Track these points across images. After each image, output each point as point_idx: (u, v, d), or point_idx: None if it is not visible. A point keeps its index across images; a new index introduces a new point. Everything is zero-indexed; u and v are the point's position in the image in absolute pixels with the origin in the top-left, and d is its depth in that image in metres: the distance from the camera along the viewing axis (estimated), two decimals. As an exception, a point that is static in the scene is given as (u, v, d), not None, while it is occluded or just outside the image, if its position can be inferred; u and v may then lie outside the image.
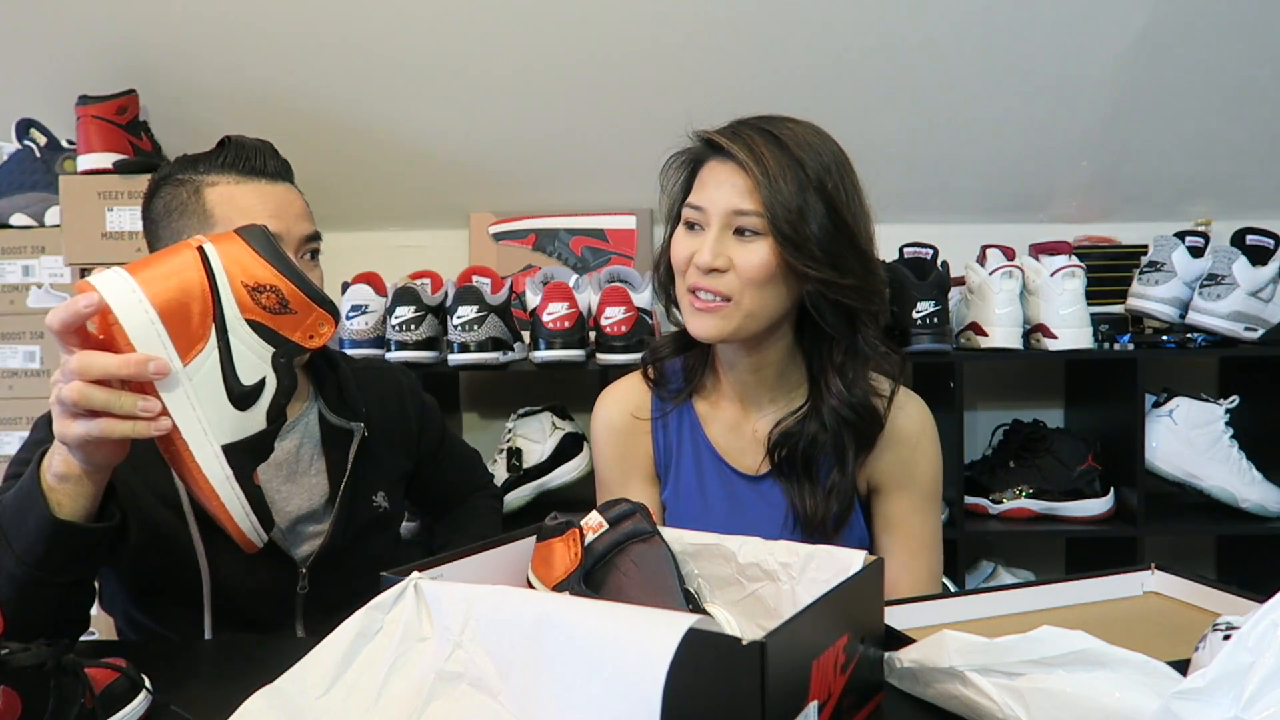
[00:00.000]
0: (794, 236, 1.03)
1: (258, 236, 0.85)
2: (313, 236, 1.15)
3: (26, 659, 0.68)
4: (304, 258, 1.14)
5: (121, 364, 0.78)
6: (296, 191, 1.15)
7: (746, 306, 1.06)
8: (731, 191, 1.05)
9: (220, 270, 0.82)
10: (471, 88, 2.04)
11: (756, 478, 1.18)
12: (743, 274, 1.05)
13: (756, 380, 1.17)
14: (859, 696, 0.76)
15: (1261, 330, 1.88)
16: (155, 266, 0.81)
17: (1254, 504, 1.91)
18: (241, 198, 1.09)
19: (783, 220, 1.02)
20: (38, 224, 1.96)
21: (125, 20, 1.93)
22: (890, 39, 1.96)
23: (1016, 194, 2.23)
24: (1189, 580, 0.97)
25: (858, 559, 0.81)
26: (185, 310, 0.80)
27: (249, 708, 0.69)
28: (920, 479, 1.18)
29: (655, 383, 1.21)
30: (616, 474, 1.22)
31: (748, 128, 1.07)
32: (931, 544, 1.19)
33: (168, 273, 0.81)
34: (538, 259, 2.27)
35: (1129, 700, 0.64)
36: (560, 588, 0.83)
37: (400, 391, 1.33)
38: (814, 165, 1.04)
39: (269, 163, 1.12)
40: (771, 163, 1.03)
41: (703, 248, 1.06)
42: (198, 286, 0.81)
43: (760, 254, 1.04)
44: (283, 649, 0.82)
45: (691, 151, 1.13)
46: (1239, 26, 1.93)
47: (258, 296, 0.83)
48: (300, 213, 1.13)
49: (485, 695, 0.68)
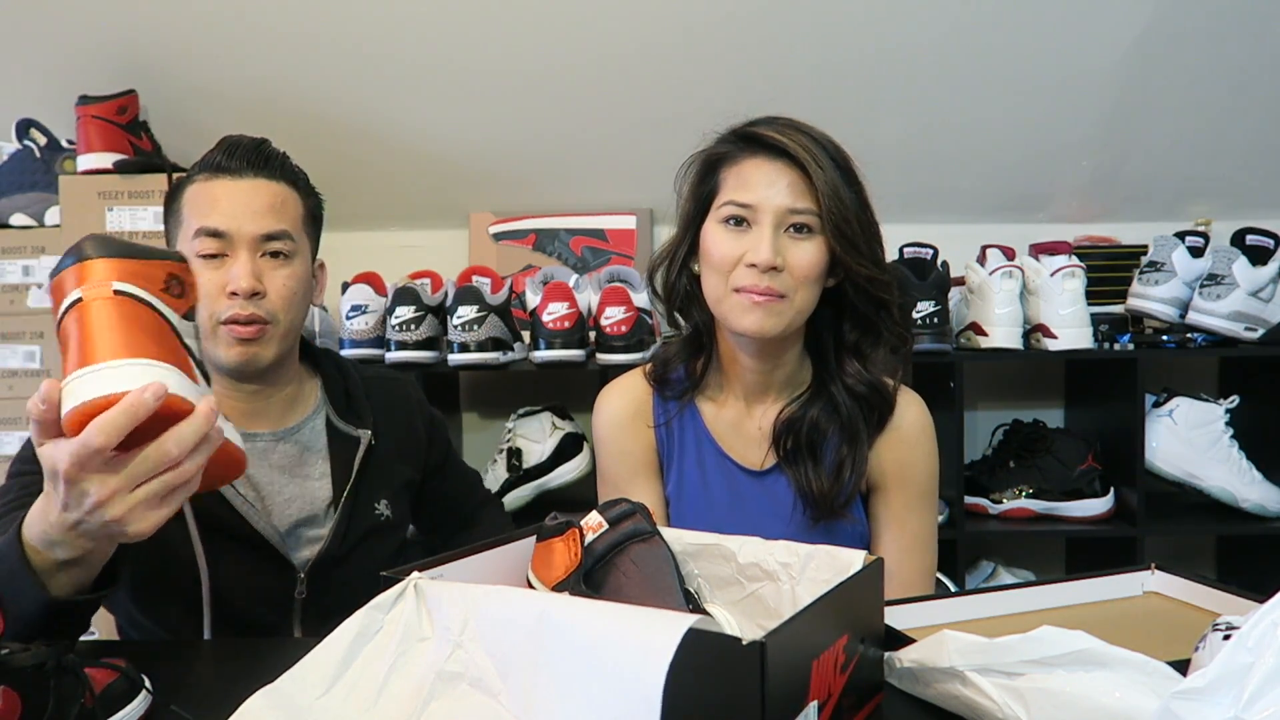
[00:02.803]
0: (849, 233, 1.06)
1: (105, 245, 0.80)
2: (275, 235, 1.10)
3: (26, 659, 0.68)
4: (264, 256, 1.10)
5: (127, 412, 0.72)
6: (275, 187, 1.12)
7: (799, 303, 1.09)
8: (786, 190, 1.06)
9: (144, 294, 0.80)
10: (471, 88, 2.04)
11: (760, 473, 1.19)
12: (798, 272, 1.07)
13: (768, 380, 1.18)
14: (859, 696, 0.75)
15: (1261, 330, 1.88)
16: (127, 333, 0.77)
17: (1254, 504, 1.91)
18: (204, 194, 1.09)
19: (839, 218, 1.06)
20: (38, 224, 1.96)
21: (125, 20, 1.93)
22: (890, 39, 1.96)
23: (1016, 194, 2.23)
24: (1189, 580, 0.97)
25: (858, 559, 0.81)
26: (174, 348, 0.80)
27: (249, 708, 0.69)
28: (918, 478, 1.19)
29: (658, 382, 1.22)
30: (622, 469, 1.22)
31: (787, 128, 1.09)
32: (926, 542, 1.20)
33: (141, 330, 0.78)
34: (538, 259, 2.26)
35: (1129, 700, 0.64)
36: (560, 588, 0.83)
37: (409, 403, 1.31)
38: (845, 163, 1.08)
39: (238, 159, 1.10)
40: (823, 161, 1.06)
41: (760, 245, 1.06)
42: (153, 322, 0.80)
43: (815, 252, 1.07)
44: (282, 649, 0.82)
45: (723, 149, 1.13)
46: (1239, 27, 1.93)
47: (171, 288, 0.82)
48: (260, 208, 1.09)
49: (485, 695, 0.68)
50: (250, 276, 1.07)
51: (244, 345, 1.09)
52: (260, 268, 1.09)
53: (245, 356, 1.09)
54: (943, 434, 1.99)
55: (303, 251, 1.14)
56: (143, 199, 1.88)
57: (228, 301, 1.07)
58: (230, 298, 1.07)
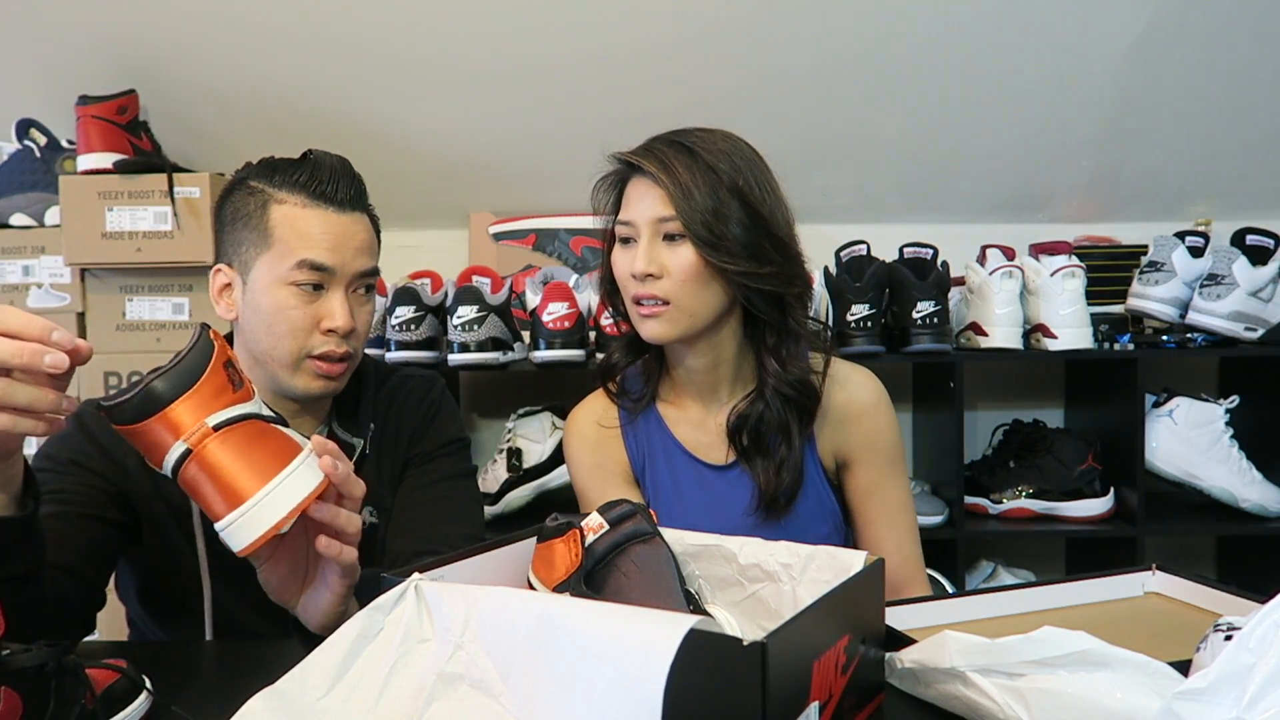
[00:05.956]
0: (709, 237, 1.10)
1: (172, 381, 0.81)
2: (369, 272, 1.11)
3: (27, 660, 0.68)
4: (355, 292, 1.10)
5: (15, 351, 0.73)
6: (366, 221, 1.12)
7: (687, 306, 1.12)
8: (654, 202, 1.12)
9: (234, 413, 0.83)
10: (471, 88, 2.04)
11: (725, 467, 1.23)
12: (675, 276, 1.12)
13: (713, 378, 1.22)
14: (860, 697, 0.76)
15: (1261, 330, 1.88)
16: (249, 463, 0.81)
17: (1254, 504, 1.91)
18: (304, 222, 1.07)
19: (698, 223, 1.09)
20: (38, 224, 1.96)
21: (125, 20, 1.93)
22: (890, 39, 1.96)
23: (1016, 194, 2.23)
24: (1190, 581, 0.97)
25: (858, 559, 0.81)
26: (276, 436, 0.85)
27: (250, 709, 0.69)
28: (883, 446, 1.23)
29: (617, 394, 1.27)
30: (594, 482, 1.25)
31: (659, 143, 1.15)
32: (905, 503, 1.25)
33: (256, 449, 0.82)
34: (538, 259, 2.26)
35: (1131, 701, 0.64)
36: (561, 589, 0.83)
37: (409, 402, 1.23)
38: (725, 167, 1.11)
39: (340, 189, 1.09)
40: (682, 171, 1.10)
41: (636, 257, 1.13)
42: (257, 432, 0.83)
43: (687, 256, 1.11)
44: (283, 651, 0.82)
45: (616, 173, 1.20)
46: (1239, 27, 1.93)
47: (234, 380, 0.85)
48: (361, 246, 1.10)
49: (486, 696, 0.68)
50: (348, 315, 1.07)
51: (327, 380, 1.09)
52: (351, 304, 1.09)
53: (327, 389, 1.10)
54: (943, 434, 2.00)
55: (377, 285, 1.17)
56: (143, 199, 1.87)
57: (321, 337, 1.07)
58: (326, 334, 1.07)
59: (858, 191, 2.19)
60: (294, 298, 1.06)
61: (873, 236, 1.97)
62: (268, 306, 1.06)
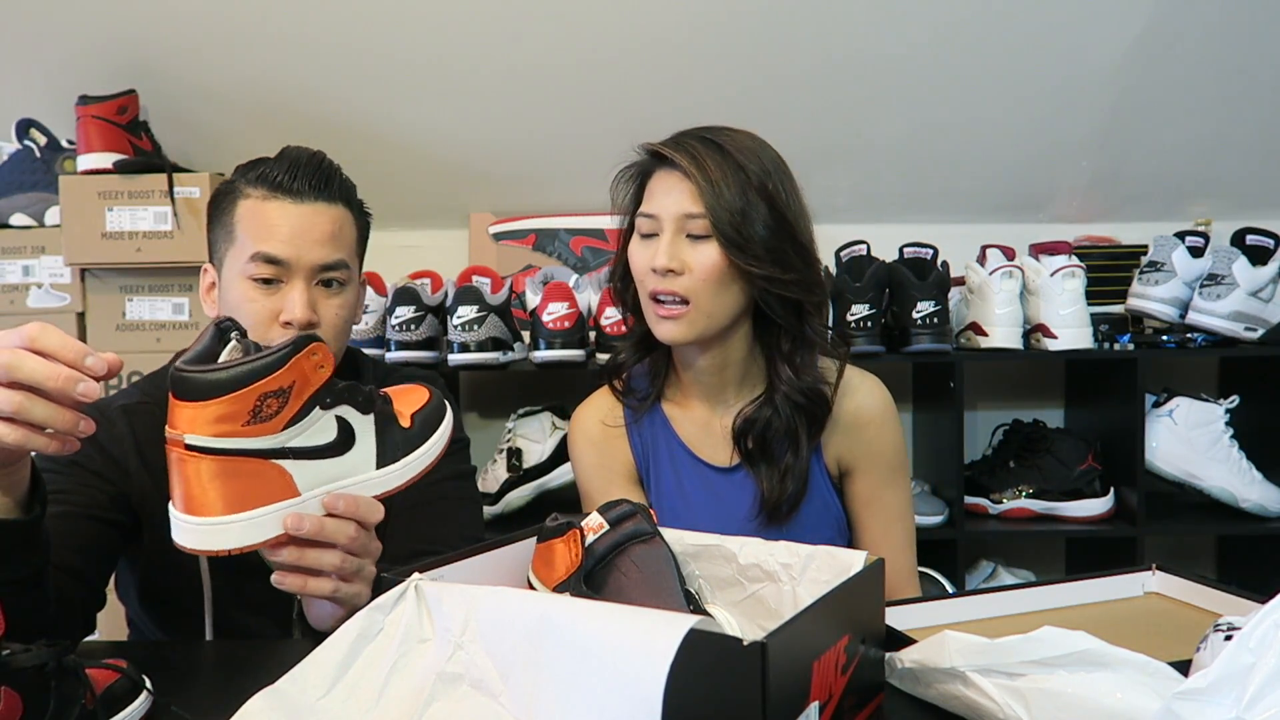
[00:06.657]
0: (737, 238, 1.08)
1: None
2: (333, 265, 1.07)
3: (27, 660, 0.68)
4: (319, 284, 1.07)
5: (51, 374, 0.71)
6: (334, 213, 1.09)
7: (705, 307, 1.11)
8: (681, 197, 1.10)
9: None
10: (471, 88, 2.04)
11: (729, 469, 1.22)
12: (697, 275, 1.10)
13: (720, 380, 1.21)
14: (860, 697, 0.76)
15: (1261, 330, 1.88)
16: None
17: (1254, 504, 1.91)
18: (262, 215, 1.06)
19: (726, 222, 1.08)
20: (38, 224, 1.96)
21: (125, 20, 1.93)
22: (890, 39, 1.96)
23: (1016, 194, 2.23)
24: (1190, 581, 0.97)
25: (858, 559, 0.81)
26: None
27: (250, 709, 0.69)
28: (886, 455, 1.23)
29: (622, 393, 1.25)
30: (598, 482, 1.24)
31: (690, 137, 1.13)
32: (904, 513, 1.25)
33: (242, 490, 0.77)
34: (538, 259, 2.26)
35: (1131, 701, 0.64)
36: (561, 588, 0.83)
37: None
38: (754, 168, 1.10)
39: (299, 180, 1.07)
40: (713, 168, 1.09)
41: (658, 251, 1.10)
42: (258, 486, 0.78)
43: (711, 255, 1.10)
44: (283, 650, 0.82)
45: (639, 165, 1.17)
46: (1239, 27, 1.93)
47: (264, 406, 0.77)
48: (322, 237, 1.06)
49: (486, 696, 0.68)
50: (306, 308, 1.05)
51: None
52: (314, 297, 1.07)
53: None
54: (943, 434, 2.00)
55: (353, 278, 1.13)
56: (143, 199, 1.88)
57: (280, 331, 1.05)
58: (284, 327, 1.05)
59: (858, 191, 2.19)
60: (253, 290, 1.05)
61: (873, 236, 1.97)
62: (232, 301, 1.07)
